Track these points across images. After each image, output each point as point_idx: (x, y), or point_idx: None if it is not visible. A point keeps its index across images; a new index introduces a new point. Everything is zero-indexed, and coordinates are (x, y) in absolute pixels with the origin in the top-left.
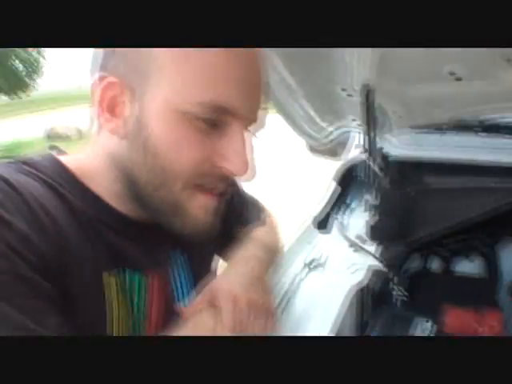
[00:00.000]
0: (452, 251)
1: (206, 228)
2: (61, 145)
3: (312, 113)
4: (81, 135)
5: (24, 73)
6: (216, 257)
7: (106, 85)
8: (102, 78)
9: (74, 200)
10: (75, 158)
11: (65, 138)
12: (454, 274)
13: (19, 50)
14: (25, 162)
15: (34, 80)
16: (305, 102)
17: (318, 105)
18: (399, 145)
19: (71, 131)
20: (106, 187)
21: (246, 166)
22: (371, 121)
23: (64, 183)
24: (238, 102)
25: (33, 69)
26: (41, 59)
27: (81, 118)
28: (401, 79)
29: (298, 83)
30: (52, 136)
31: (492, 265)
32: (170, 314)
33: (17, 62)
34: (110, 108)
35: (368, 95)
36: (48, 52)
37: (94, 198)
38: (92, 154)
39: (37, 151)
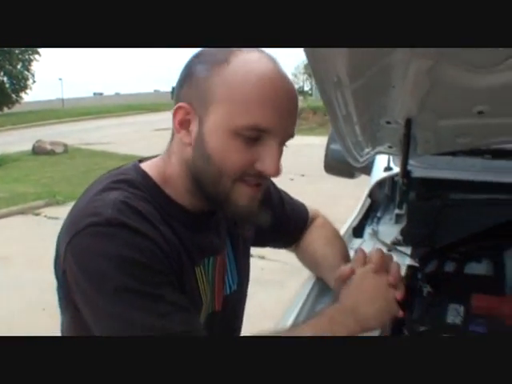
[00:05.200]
0: (465, 255)
1: (249, 211)
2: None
3: (361, 139)
4: (66, 150)
5: (10, 88)
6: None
7: (178, 108)
8: (179, 106)
9: (162, 211)
10: (156, 166)
11: (51, 152)
12: (466, 274)
13: (6, 65)
14: (131, 184)
15: (19, 95)
16: (358, 129)
17: (367, 133)
18: (422, 165)
19: (57, 146)
20: (179, 186)
21: (276, 170)
22: (407, 148)
23: (155, 196)
24: (272, 124)
25: (19, 84)
26: (26, 74)
27: (65, 133)
28: (436, 113)
29: (357, 115)
30: (38, 151)
31: (499, 266)
32: (224, 287)
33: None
34: (181, 123)
35: (409, 127)
36: (34, 67)
37: (172, 203)
38: (169, 161)
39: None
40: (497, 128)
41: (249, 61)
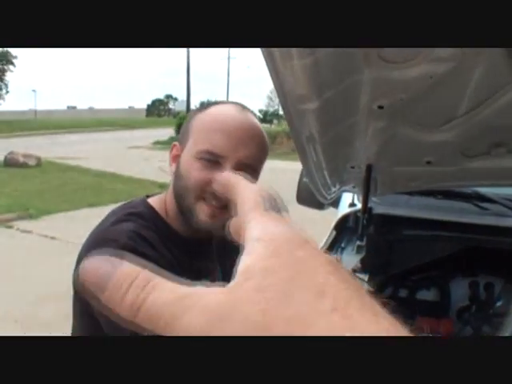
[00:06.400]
0: (416, 283)
1: (209, 226)
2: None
3: (329, 181)
4: (39, 163)
5: None
6: None
7: (172, 146)
8: (174, 144)
9: (164, 238)
10: (159, 200)
11: (23, 165)
12: (417, 299)
13: None
14: (140, 216)
15: None
16: (326, 173)
17: (335, 176)
18: (382, 203)
19: (30, 159)
20: (174, 213)
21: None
22: (367, 189)
23: (159, 226)
24: (222, 150)
25: None
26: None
27: (37, 145)
28: (391, 161)
29: (326, 162)
30: (11, 162)
31: (445, 293)
32: None
33: None
34: (173, 158)
35: (370, 171)
36: (8, 77)
37: (172, 232)
38: (168, 193)
39: (136, 198)
40: (442, 175)
41: (220, 108)
